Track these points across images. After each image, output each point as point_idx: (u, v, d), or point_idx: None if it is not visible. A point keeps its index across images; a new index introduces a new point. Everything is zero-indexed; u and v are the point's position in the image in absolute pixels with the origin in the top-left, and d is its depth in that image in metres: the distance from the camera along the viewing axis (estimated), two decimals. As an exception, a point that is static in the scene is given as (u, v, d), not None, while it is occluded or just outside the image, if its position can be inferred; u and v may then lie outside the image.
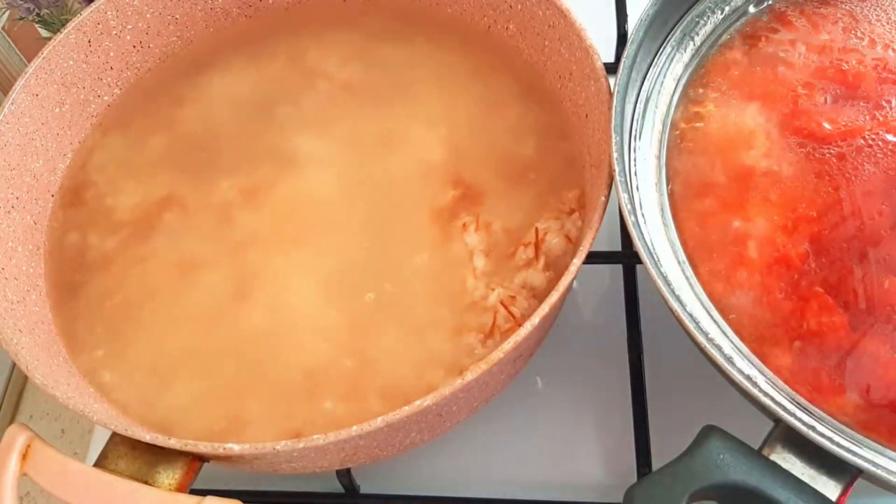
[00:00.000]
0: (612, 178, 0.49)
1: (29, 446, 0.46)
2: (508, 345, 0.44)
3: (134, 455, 0.46)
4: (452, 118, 0.62)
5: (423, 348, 0.53)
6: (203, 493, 0.45)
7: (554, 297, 0.46)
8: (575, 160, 0.59)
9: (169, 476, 0.46)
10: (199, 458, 0.47)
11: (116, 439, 0.46)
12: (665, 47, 0.56)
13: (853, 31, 0.54)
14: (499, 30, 0.65)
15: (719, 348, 0.45)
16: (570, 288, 0.49)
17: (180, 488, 0.46)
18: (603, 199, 0.49)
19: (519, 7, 0.63)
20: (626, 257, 0.64)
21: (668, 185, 0.52)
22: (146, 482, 0.45)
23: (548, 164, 0.59)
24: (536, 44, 0.62)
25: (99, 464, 0.46)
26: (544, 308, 0.46)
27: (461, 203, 0.58)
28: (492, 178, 0.59)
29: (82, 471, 0.45)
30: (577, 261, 0.47)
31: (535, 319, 0.45)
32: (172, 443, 0.45)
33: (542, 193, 0.58)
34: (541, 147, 0.60)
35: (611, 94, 0.52)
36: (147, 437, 0.45)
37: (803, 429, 0.41)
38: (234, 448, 0.44)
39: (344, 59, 0.67)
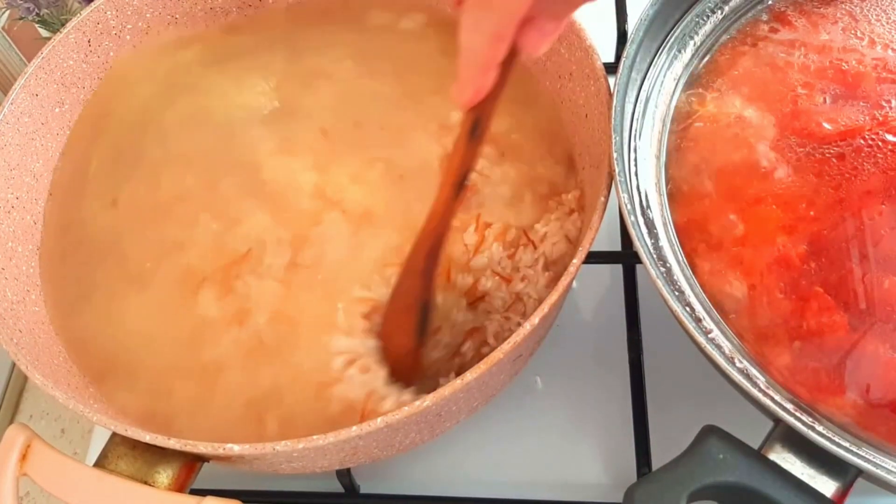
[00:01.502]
0: (612, 178, 0.49)
1: (29, 447, 0.46)
2: (508, 345, 0.44)
3: (134, 455, 0.46)
4: (452, 118, 0.62)
5: None
6: (203, 493, 0.45)
7: (553, 297, 0.46)
8: (575, 160, 0.59)
9: (169, 476, 0.46)
10: (198, 459, 0.47)
11: (116, 439, 0.47)
12: (665, 47, 0.56)
13: (853, 31, 0.54)
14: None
15: (719, 348, 0.45)
16: (569, 288, 0.49)
17: (180, 488, 0.46)
18: (602, 199, 0.49)
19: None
20: (626, 257, 0.64)
21: (667, 184, 0.52)
22: (146, 482, 0.45)
23: (547, 165, 0.59)
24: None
25: (99, 464, 0.46)
26: (544, 308, 0.46)
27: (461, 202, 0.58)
28: (491, 178, 0.59)
29: (82, 471, 0.45)
30: (577, 261, 0.47)
31: (535, 319, 0.45)
32: (172, 443, 0.44)
33: (541, 194, 0.58)
34: (540, 147, 0.60)
35: (610, 94, 0.52)
36: (147, 437, 0.45)
37: (803, 429, 0.41)
38: (234, 448, 0.44)
39: (344, 58, 0.67)
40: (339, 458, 0.50)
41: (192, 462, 0.47)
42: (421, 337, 0.51)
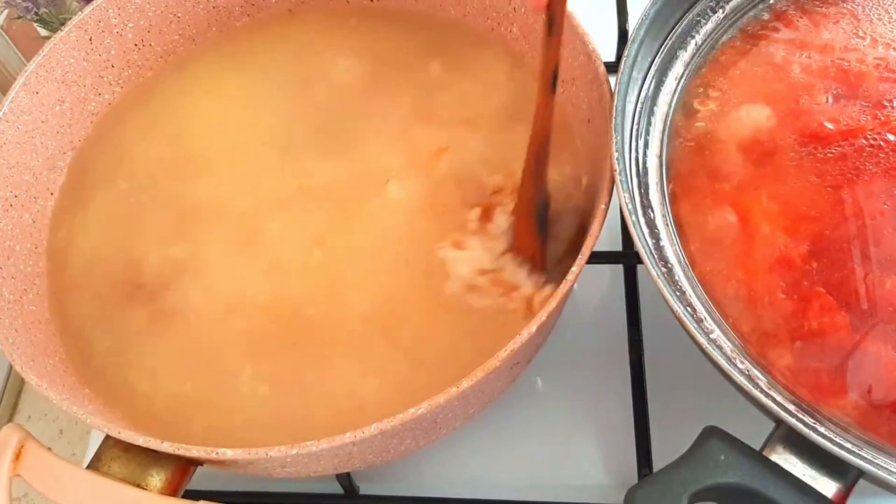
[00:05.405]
0: (612, 179, 0.49)
1: (22, 447, 0.46)
2: (504, 353, 0.44)
3: (127, 457, 0.46)
4: (454, 119, 0.62)
5: None
6: (201, 493, 0.45)
7: (552, 305, 0.45)
8: (576, 163, 0.59)
9: (162, 479, 0.45)
10: (192, 462, 0.47)
11: (110, 442, 0.46)
12: (666, 46, 0.56)
13: (855, 30, 0.54)
14: (502, 32, 0.65)
15: (720, 349, 0.44)
16: (567, 295, 0.49)
17: (173, 492, 0.46)
18: (603, 206, 0.48)
19: (522, 10, 0.62)
20: (627, 257, 0.63)
21: (669, 184, 0.52)
22: (139, 485, 0.45)
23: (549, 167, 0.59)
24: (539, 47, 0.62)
25: (92, 466, 0.46)
26: (542, 316, 0.45)
27: (459, 202, 0.58)
28: (491, 182, 0.59)
29: (75, 473, 0.45)
30: (576, 268, 0.46)
31: (532, 328, 0.44)
32: (165, 446, 0.44)
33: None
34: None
35: (612, 97, 0.52)
36: (140, 440, 0.44)
37: (805, 430, 0.40)
38: (227, 453, 0.43)
39: (346, 58, 0.67)
40: (333, 463, 0.49)
41: (186, 466, 0.46)
42: (544, 233, 0.54)
